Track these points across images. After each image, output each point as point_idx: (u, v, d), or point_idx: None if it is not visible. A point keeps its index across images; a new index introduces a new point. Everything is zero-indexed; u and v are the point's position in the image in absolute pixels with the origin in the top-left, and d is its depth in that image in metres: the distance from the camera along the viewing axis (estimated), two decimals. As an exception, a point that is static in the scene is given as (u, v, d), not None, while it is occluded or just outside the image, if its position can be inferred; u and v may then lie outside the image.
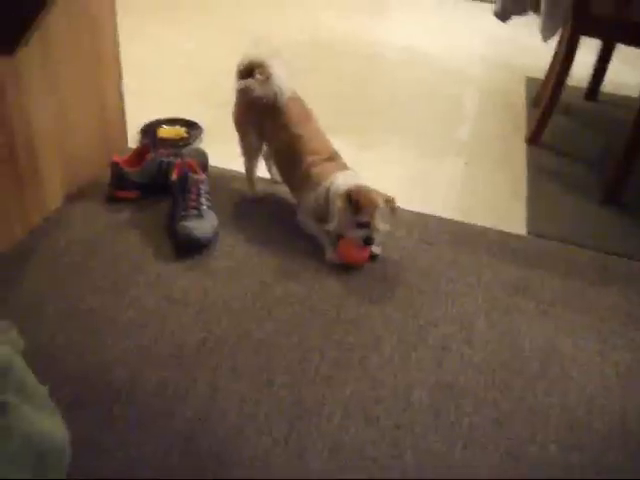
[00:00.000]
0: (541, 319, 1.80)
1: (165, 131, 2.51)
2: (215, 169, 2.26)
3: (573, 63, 2.58)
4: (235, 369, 1.54)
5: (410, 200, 2.20)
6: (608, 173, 2.44)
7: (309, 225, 2.01)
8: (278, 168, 2.16)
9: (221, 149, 2.29)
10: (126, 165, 2.09)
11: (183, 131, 2.52)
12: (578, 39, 2.52)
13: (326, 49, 3.58)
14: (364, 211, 1.83)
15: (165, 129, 2.52)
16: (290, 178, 2.08)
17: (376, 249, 1.94)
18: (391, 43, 3.78)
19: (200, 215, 1.93)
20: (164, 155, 2.12)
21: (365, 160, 2.40)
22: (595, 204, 2.39)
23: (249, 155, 2.15)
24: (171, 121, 2.57)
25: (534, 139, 2.75)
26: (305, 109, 2.07)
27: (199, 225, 1.91)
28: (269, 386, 1.51)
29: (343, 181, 1.90)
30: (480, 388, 1.56)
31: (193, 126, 2.56)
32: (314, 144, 2.01)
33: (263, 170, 2.25)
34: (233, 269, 1.87)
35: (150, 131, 2.50)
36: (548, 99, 2.67)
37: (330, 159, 2.00)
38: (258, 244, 1.97)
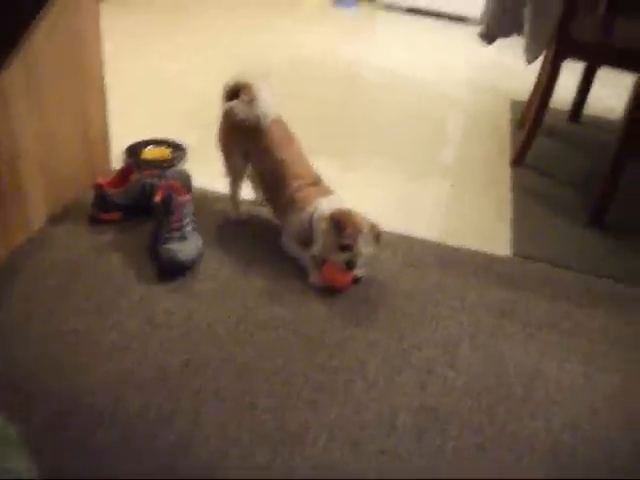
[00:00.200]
0: (526, 342, 1.79)
1: (149, 152, 2.50)
2: (199, 190, 2.26)
3: (556, 85, 2.60)
4: (218, 392, 1.52)
5: (395, 222, 2.20)
6: (593, 195, 2.45)
7: (293, 249, 2.01)
8: (262, 191, 2.15)
9: (206, 170, 2.28)
10: (110, 186, 2.08)
11: (168, 152, 2.51)
12: (561, 61, 2.55)
13: (307, 71, 3.59)
14: (347, 233, 1.82)
15: (150, 150, 2.51)
16: (274, 202, 2.08)
17: (360, 272, 1.93)
18: (376, 66, 3.81)
19: (184, 237, 1.91)
20: (148, 176, 2.11)
21: (348, 182, 2.41)
22: (580, 226, 2.41)
23: (233, 177, 2.15)
24: (157, 142, 2.56)
25: (518, 160, 2.77)
26: (288, 132, 2.07)
27: (183, 247, 1.89)
28: (252, 409, 1.49)
29: (328, 205, 1.90)
30: (465, 412, 1.55)
31: (178, 147, 2.55)
32: (297, 168, 2.01)
33: (247, 191, 2.24)
34: (217, 291, 1.85)
35: (134, 152, 2.49)
36: (532, 121, 2.69)
37: (314, 184, 2.00)
38: (242, 266, 1.96)
